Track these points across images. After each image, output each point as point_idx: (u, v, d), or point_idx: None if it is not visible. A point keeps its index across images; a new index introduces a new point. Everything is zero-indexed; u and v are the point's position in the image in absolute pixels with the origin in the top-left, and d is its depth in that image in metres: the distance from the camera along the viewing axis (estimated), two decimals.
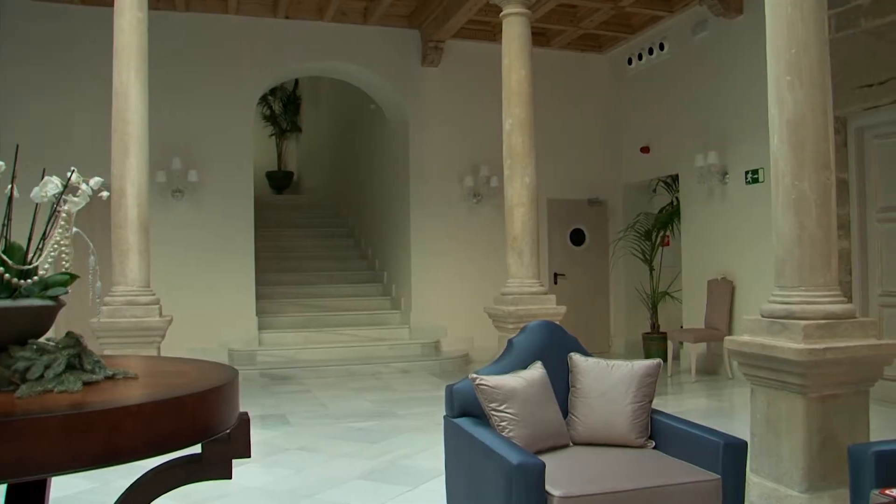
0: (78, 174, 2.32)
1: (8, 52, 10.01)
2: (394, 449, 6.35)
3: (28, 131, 9.34)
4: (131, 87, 6.97)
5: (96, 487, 5.24)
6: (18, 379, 2.08)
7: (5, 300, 2.18)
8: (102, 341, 6.50)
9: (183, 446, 2.11)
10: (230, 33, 10.83)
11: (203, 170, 10.59)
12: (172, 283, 9.22)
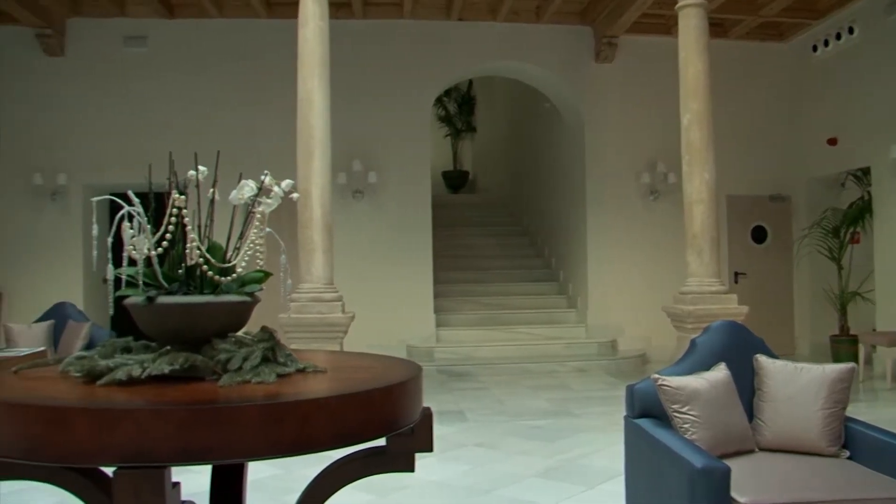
0: (271, 177, 2.45)
1: (201, 66, 10.74)
2: (571, 448, 6.31)
3: (222, 138, 9.93)
4: (315, 93, 7.29)
5: (281, 474, 5.51)
6: (220, 369, 2.23)
7: (208, 296, 2.34)
8: (289, 336, 6.82)
9: (369, 438, 2.19)
10: (406, 37, 11.12)
11: (382, 171, 10.93)
12: (354, 280, 9.56)
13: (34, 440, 1.96)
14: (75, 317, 7.85)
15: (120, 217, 2.30)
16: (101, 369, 2.22)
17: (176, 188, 2.36)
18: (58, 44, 10.66)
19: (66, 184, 10.65)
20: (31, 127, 10.75)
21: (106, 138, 10.69)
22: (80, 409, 1.95)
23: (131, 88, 10.76)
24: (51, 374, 2.43)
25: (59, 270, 10.62)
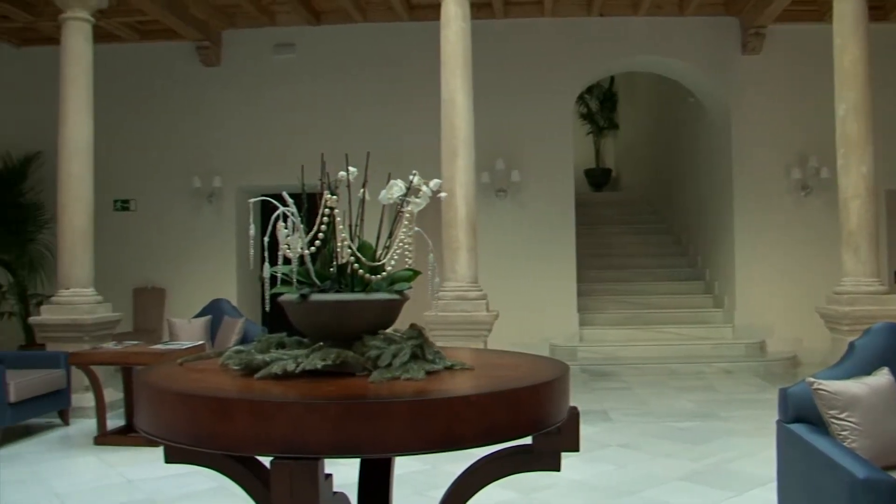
0: (419, 177, 2.49)
1: (347, 70, 11.05)
2: (717, 451, 6.13)
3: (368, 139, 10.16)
4: (458, 93, 7.36)
5: (427, 469, 5.59)
6: (370, 365, 2.28)
7: (359, 293, 2.40)
8: (434, 333, 6.91)
9: (516, 437, 2.19)
10: (547, 35, 11.07)
11: (525, 169, 10.93)
12: (497, 279, 9.60)
13: (201, 428, 2.07)
14: (230, 313, 8.23)
15: (275, 217, 2.39)
16: (258, 363, 2.32)
17: (328, 189, 2.43)
18: (214, 54, 11.22)
19: (221, 186, 11.19)
20: (190, 133, 11.37)
21: (258, 142, 11.18)
22: (240, 401, 2.05)
23: (281, 93, 11.20)
24: (212, 366, 2.55)
25: (215, 268, 11.17)
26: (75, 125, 8.21)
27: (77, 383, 7.65)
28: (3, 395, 6.57)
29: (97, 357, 6.89)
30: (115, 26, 10.67)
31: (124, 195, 11.45)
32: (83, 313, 8.01)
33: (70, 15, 8.24)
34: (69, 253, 8.21)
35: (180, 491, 5.29)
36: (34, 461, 6.25)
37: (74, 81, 8.23)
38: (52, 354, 7.55)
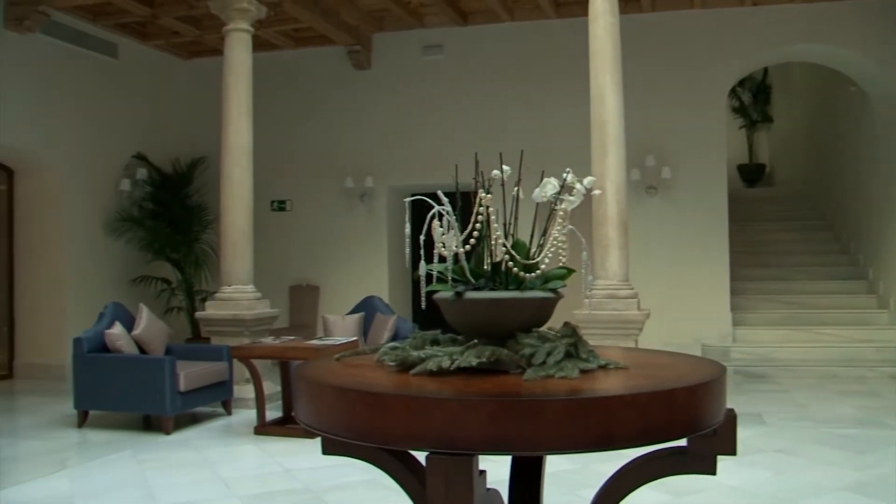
0: (573, 175, 2.48)
1: (495, 69, 11.10)
2: (884, 462, 5.79)
3: (517, 137, 10.18)
4: (607, 89, 7.27)
5: (577, 469, 5.56)
6: (524, 363, 2.29)
7: (514, 291, 2.41)
8: (584, 332, 6.84)
9: (671, 438, 2.14)
10: (697, 27, 10.76)
11: (676, 166, 10.67)
12: (647, 277, 9.42)
13: (357, 422, 2.13)
14: (382, 310, 8.42)
15: (431, 216, 2.43)
16: (413, 360, 2.37)
17: (482, 187, 2.45)
18: (365, 58, 11.52)
19: (373, 186, 11.48)
20: (343, 134, 11.73)
21: (408, 142, 11.40)
22: (396, 397, 2.10)
23: (430, 94, 11.39)
24: (368, 362, 2.62)
25: (367, 266, 11.47)
26: (236, 130, 8.63)
27: (238, 375, 8.04)
28: (174, 384, 6.99)
29: (257, 351, 7.21)
30: (272, 35, 11.14)
31: (281, 196, 11.94)
32: (244, 309, 8.41)
33: (232, 27, 8.67)
34: (231, 252, 8.64)
35: (335, 481, 5.47)
36: (201, 447, 6.61)
37: (235, 89, 8.65)
38: (216, 347, 7.97)
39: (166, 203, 11.64)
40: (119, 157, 11.42)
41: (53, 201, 10.68)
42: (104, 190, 11.17)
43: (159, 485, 5.50)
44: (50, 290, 10.63)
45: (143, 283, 11.36)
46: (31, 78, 10.09)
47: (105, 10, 10.51)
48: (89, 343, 7.30)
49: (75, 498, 5.24)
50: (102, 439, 6.96)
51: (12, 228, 10.85)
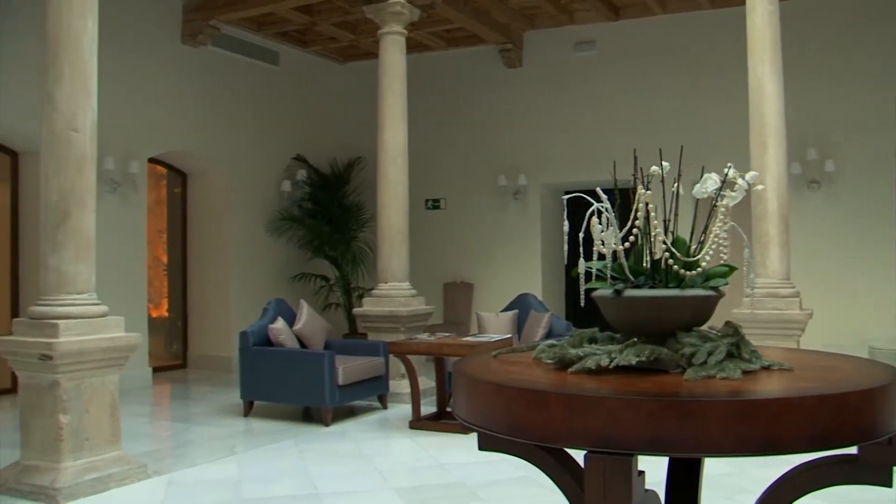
0: (734, 170, 2.41)
1: (648, 63, 10.87)
2: None
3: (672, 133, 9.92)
4: (766, 80, 6.99)
5: (734, 472, 5.38)
6: (685, 363, 2.24)
7: (674, 289, 2.37)
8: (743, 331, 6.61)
9: (841, 445, 2.05)
10: (862, 13, 10.12)
11: (840, 159, 10.11)
12: (809, 275, 8.99)
13: (515, 419, 2.15)
14: (536, 307, 8.42)
15: (590, 213, 2.42)
16: (571, 358, 2.36)
17: (642, 184, 2.42)
18: (516, 56, 11.54)
19: (526, 184, 11.49)
20: (495, 133, 11.79)
21: (560, 139, 11.34)
22: (555, 394, 2.10)
23: (582, 91, 11.28)
24: (525, 359, 2.63)
25: (521, 264, 11.49)
26: (392, 131, 8.84)
27: (394, 371, 8.23)
28: (333, 378, 7.23)
29: (413, 347, 7.36)
30: (425, 36, 11.33)
31: (435, 195, 12.13)
32: (399, 306, 8.60)
33: (387, 30, 8.88)
34: (387, 249, 8.86)
35: (488, 477, 5.52)
36: (358, 439, 6.82)
37: (390, 90, 8.86)
38: (372, 343, 8.20)
39: (325, 203, 12.04)
40: (280, 160, 11.92)
41: (221, 202, 11.28)
42: (266, 191, 11.69)
43: (319, 474, 5.71)
44: (218, 286, 11.23)
45: (303, 280, 11.80)
46: (201, 88, 10.71)
47: (268, 21, 11.01)
48: (254, 337, 7.67)
49: (243, 482, 5.52)
50: (266, 428, 7.29)
51: (185, 229, 11.55)
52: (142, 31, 9.88)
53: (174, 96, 10.35)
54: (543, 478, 2.56)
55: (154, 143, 10.20)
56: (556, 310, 10.91)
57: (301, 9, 10.41)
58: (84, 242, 5.33)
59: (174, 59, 10.36)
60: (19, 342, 5.24)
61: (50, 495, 5.00)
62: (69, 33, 5.29)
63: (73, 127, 5.29)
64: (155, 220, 11.40)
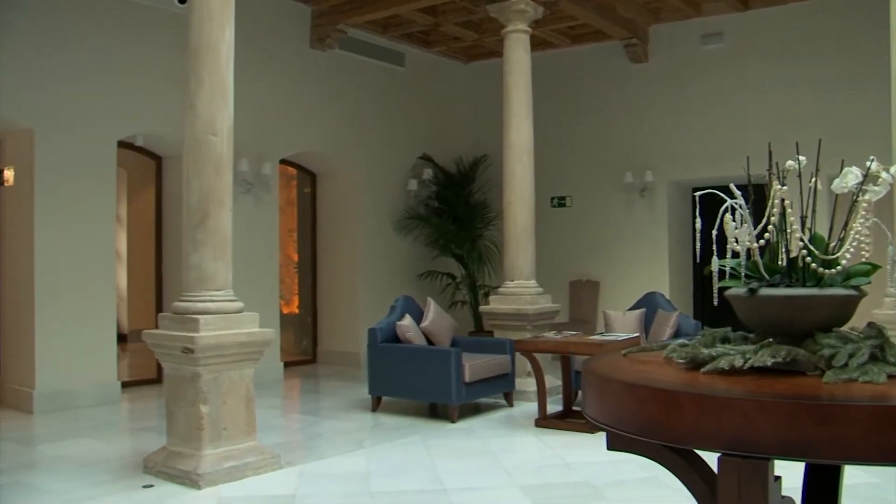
0: (877, 163, 2.30)
1: (779, 54, 10.46)
2: None
3: (805, 125, 9.54)
4: None
5: (876, 483, 5.14)
6: (824, 365, 2.16)
7: (812, 288, 2.28)
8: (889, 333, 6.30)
9: None
10: None
11: None
12: None
13: (646, 419, 2.12)
14: (664, 306, 8.27)
15: (723, 210, 2.36)
16: (703, 357, 2.31)
17: (777, 179, 2.35)
18: (642, 51, 11.34)
19: (653, 180, 11.27)
20: (621, 129, 11.63)
21: (687, 135, 11.07)
22: (688, 395, 2.06)
23: (710, 85, 10.97)
24: (655, 359, 2.59)
25: (647, 262, 11.29)
26: (517, 129, 8.85)
27: (520, 368, 8.24)
28: (459, 375, 7.30)
29: (540, 345, 7.34)
30: (548, 34, 11.28)
31: (561, 192, 12.05)
32: (526, 304, 8.60)
33: (511, 28, 8.89)
34: (513, 247, 8.87)
35: (614, 477, 5.45)
36: (484, 436, 6.86)
37: (515, 88, 8.87)
38: (499, 341, 8.22)
39: (450, 201, 12.16)
40: (406, 159, 12.11)
41: (349, 202, 11.56)
42: (393, 190, 11.90)
43: (446, 469, 5.77)
44: (346, 283, 11.52)
45: (429, 278, 11.95)
46: (330, 91, 11.01)
47: (393, 23, 11.20)
48: (382, 333, 7.82)
49: (371, 476, 5.64)
50: (393, 424, 7.43)
51: (315, 228, 11.89)
52: (273, 38, 10.23)
53: (304, 99, 10.67)
54: (671, 479, 2.52)
55: (285, 144, 10.56)
56: (684, 309, 10.67)
57: (425, 10, 10.54)
58: (221, 241, 5.57)
59: (303, 63, 10.68)
60: (164, 336, 5.53)
61: (193, 480, 5.26)
62: (209, 44, 5.54)
63: (212, 131, 5.54)
64: (286, 219, 11.81)
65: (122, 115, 8.71)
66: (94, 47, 8.46)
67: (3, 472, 5.85)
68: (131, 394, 8.86)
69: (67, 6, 8.27)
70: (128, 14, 8.73)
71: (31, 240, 8.03)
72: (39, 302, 8.01)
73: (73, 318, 8.20)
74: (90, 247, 8.40)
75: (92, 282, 8.39)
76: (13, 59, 7.85)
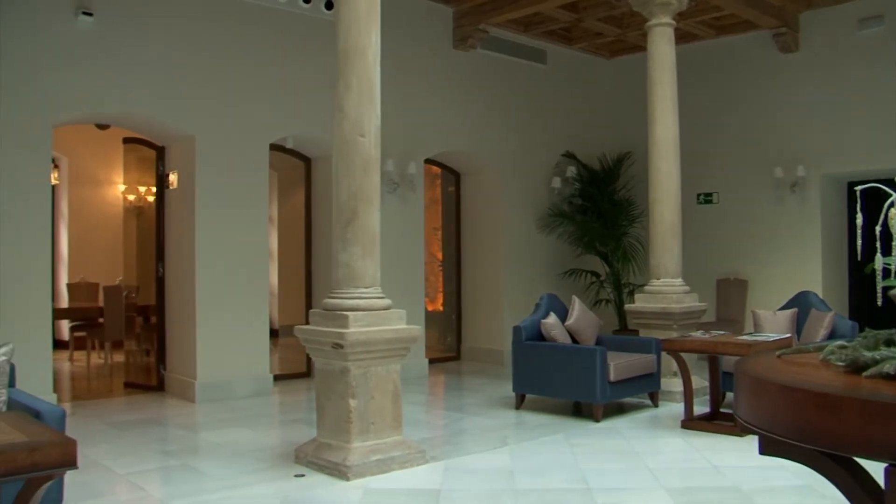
0: None
1: None
2: None
3: None
4: None
5: None
6: None
7: None
8: None
9: None
10: None
11: None
12: None
13: (803, 423, 2.05)
14: (818, 306, 7.92)
15: (888, 205, 2.26)
16: (865, 360, 2.22)
17: None
18: (792, 40, 10.87)
19: (805, 175, 10.79)
20: (770, 122, 11.20)
21: (844, 127, 10.53)
22: (850, 399, 1.98)
23: (869, 72, 10.36)
24: (811, 360, 2.50)
25: (799, 260, 10.83)
26: (663, 124, 8.67)
27: (665, 368, 8.08)
28: (604, 373, 7.24)
29: (687, 345, 7.18)
30: (692, 26, 10.97)
31: (707, 189, 11.72)
32: (672, 302, 8.43)
33: (654, 22, 8.72)
34: (660, 245, 8.71)
35: (765, 483, 5.28)
36: (629, 436, 6.77)
37: (660, 83, 8.69)
38: (644, 340, 8.09)
39: (594, 198, 12.04)
40: (549, 157, 12.07)
41: (493, 200, 11.63)
42: (537, 188, 11.89)
43: (590, 469, 5.73)
44: (490, 281, 11.59)
45: (573, 276, 11.87)
46: (472, 90, 11.10)
47: (534, 20, 11.18)
48: (527, 331, 7.83)
49: (515, 473, 5.67)
50: (537, 422, 7.43)
51: (459, 226, 12.04)
52: (416, 40, 10.42)
53: (447, 99, 10.81)
54: (827, 487, 2.43)
55: (429, 144, 10.72)
56: (839, 309, 10.15)
57: (567, 6, 10.46)
58: (370, 239, 5.73)
59: (446, 63, 10.82)
60: (315, 331, 5.73)
61: (342, 471, 5.44)
62: (356, 48, 5.71)
63: (360, 132, 5.70)
64: (431, 217, 11.99)
65: (274, 120, 9.10)
66: (246, 57, 8.86)
67: (172, 454, 6.28)
68: (282, 387, 9.23)
69: (226, 22, 8.72)
70: (278, 23, 9.09)
71: (193, 240, 8.50)
72: (200, 298, 8.47)
73: (229, 314, 8.63)
74: (246, 246, 8.81)
75: (247, 279, 8.80)
76: (176, 70, 8.35)
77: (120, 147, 10.35)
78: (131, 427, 7.29)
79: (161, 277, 9.10)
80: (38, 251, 7.62)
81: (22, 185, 7.45)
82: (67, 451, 3.20)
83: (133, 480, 5.55)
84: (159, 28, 8.26)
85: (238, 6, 8.79)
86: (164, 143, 9.06)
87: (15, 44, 7.41)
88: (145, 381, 9.39)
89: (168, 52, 8.30)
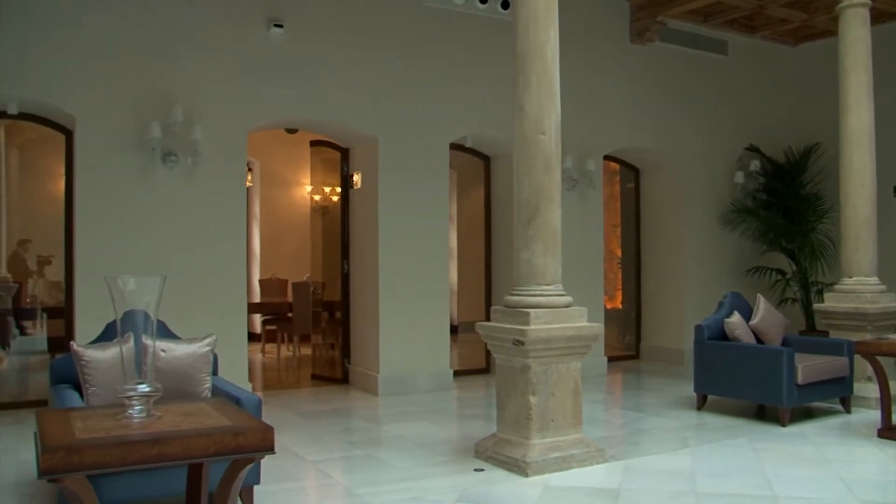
0: None
1: None
2: None
3: None
4: None
5: None
6: None
7: None
8: None
9: None
10: None
11: None
12: None
13: None
14: None
15: None
16: None
17: None
18: None
19: None
20: None
21: None
22: None
23: None
24: None
25: None
26: (855, 114, 8.22)
27: (859, 372, 7.66)
28: (792, 376, 6.97)
29: (885, 347, 6.76)
30: (890, 4, 10.26)
31: None
32: (866, 302, 7.98)
33: (847, 3, 8.27)
34: (852, 242, 8.26)
35: None
36: (818, 443, 6.48)
37: (853, 69, 8.24)
38: (835, 341, 7.72)
39: (780, 193, 11.56)
40: (732, 151, 11.69)
41: (673, 196, 11.41)
42: (719, 183, 11.54)
43: (775, 475, 5.54)
44: (670, 279, 11.38)
45: (757, 274, 11.45)
46: (651, 84, 10.93)
47: (714, 10, 10.83)
48: (709, 330, 7.65)
49: (697, 475, 5.56)
50: (719, 424, 7.25)
51: (639, 222, 11.88)
52: (593, 36, 10.36)
53: (625, 94, 10.68)
54: None
55: (608, 140, 10.64)
56: None
57: None
58: (551, 236, 5.78)
59: (624, 58, 10.70)
60: (496, 328, 5.85)
61: (521, 467, 5.52)
62: (535, 46, 5.77)
63: (541, 130, 5.76)
64: (609, 214, 11.90)
65: (453, 119, 9.33)
66: (425, 58, 9.14)
67: (356, 444, 6.59)
68: (461, 382, 9.44)
69: (406, 24, 9.05)
70: (455, 24, 9.30)
71: (376, 238, 8.85)
72: (383, 295, 8.82)
73: (411, 310, 8.93)
74: (427, 244, 9.08)
75: (428, 276, 9.07)
76: (359, 74, 8.72)
77: (307, 149, 10.89)
78: (318, 417, 7.70)
79: (346, 274, 9.53)
80: (235, 249, 8.18)
81: (221, 187, 8.03)
82: (266, 436, 3.45)
83: (321, 468, 5.88)
84: (342, 35, 8.65)
85: (417, 9, 9.07)
86: (348, 145, 9.48)
87: (217, 57, 7.99)
88: (331, 373, 9.86)
89: (351, 57, 8.68)
